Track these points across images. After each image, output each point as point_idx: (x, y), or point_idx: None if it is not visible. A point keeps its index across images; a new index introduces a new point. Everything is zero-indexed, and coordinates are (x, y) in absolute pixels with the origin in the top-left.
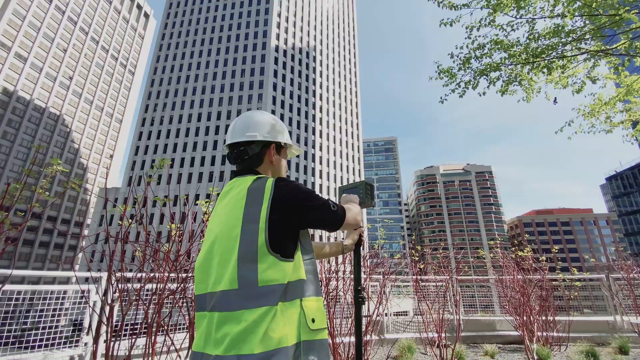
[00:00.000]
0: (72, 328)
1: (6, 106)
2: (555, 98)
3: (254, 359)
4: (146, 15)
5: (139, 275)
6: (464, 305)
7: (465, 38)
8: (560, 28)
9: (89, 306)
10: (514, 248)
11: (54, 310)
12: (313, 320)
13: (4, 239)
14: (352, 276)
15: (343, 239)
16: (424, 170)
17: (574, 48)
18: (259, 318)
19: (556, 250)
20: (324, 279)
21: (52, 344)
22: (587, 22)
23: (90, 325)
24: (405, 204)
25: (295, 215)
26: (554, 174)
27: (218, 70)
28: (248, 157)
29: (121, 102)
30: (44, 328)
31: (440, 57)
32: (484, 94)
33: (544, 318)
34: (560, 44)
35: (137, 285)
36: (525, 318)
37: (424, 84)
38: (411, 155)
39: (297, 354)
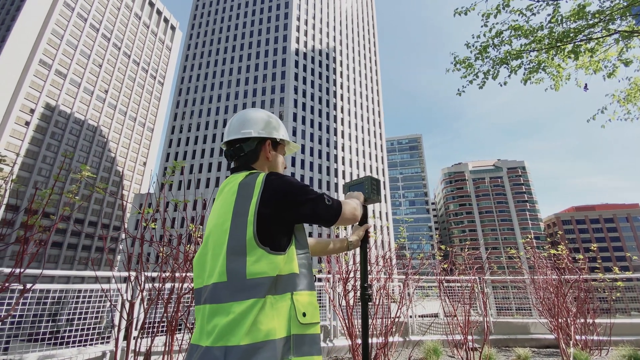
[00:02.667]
0: (104, 325)
1: (49, 120)
2: (586, 84)
3: (240, 350)
4: (172, 28)
5: (157, 274)
6: (497, 306)
7: (482, 26)
8: (582, 8)
9: (111, 304)
10: (547, 246)
11: (87, 308)
12: (304, 315)
13: (38, 242)
14: (375, 275)
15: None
16: (451, 167)
17: (603, 29)
18: (246, 310)
19: (595, 248)
20: (343, 278)
21: (86, 340)
22: (616, 0)
23: (120, 322)
24: (432, 203)
25: (286, 209)
26: (593, 168)
27: (241, 76)
28: (244, 154)
29: (152, 112)
30: (77, 325)
31: (463, 50)
32: (505, 83)
33: (582, 320)
34: (587, 26)
35: (158, 285)
36: (561, 320)
37: (448, 79)
38: (437, 153)
39: (287, 348)
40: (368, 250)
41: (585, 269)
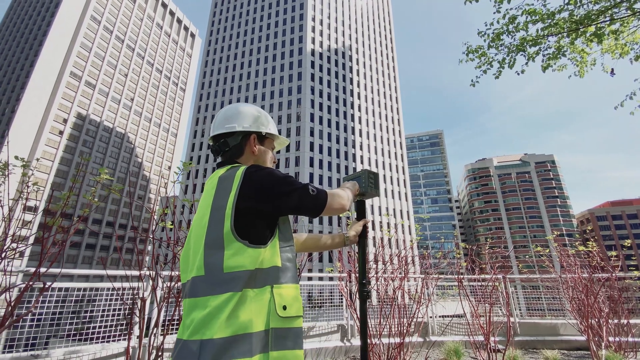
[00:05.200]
0: (124, 322)
1: (81, 129)
2: (612, 69)
3: (215, 344)
4: (192, 36)
5: (168, 273)
6: (527, 307)
7: (494, 12)
8: None
9: (124, 302)
10: (577, 243)
11: (109, 305)
12: (284, 308)
13: (60, 242)
14: (393, 274)
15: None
16: (475, 163)
17: (627, 9)
18: (222, 304)
19: (628, 244)
20: (357, 277)
21: (108, 336)
22: None
23: (132, 319)
24: (456, 201)
25: (266, 201)
26: (630, 161)
27: (258, 79)
28: (229, 148)
29: (175, 118)
30: (101, 322)
31: (479, 40)
32: (522, 72)
33: (616, 321)
34: (610, 7)
35: (169, 284)
36: (592, 321)
37: (471, 72)
38: (461, 149)
39: (265, 342)
40: (368, 245)
41: (619, 266)
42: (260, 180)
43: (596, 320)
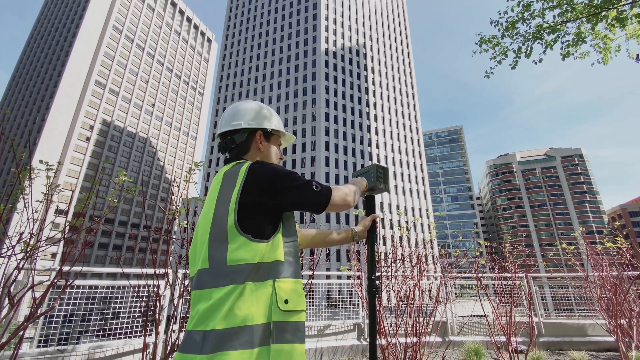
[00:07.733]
0: (143, 319)
1: (106, 135)
2: (638, 55)
3: (216, 334)
4: (209, 41)
5: (184, 272)
6: (555, 307)
7: (508, 0)
8: None
9: (140, 299)
10: (604, 239)
11: (131, 302)
12: (286, 302)
13: (84, 242)
14: (406, 273)
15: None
16: (497, 159)
17: None
18: (224, 296)
19: None
20: None
21: (131, 332)
22: None
23: (157, 316)
24: (477, 198)
25: (269, 197)
26: None
27: (274, 81)
28: (235, 145)
29: (194, 121)
30: (124, 318)
31: (493, 30)
32: (540, 61)
33: None
34: None
35: (184, 282)
36: (621, 321)
37: (491, 64)
38: (482, 145)
39: (267, 334)
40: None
41: None
42: (263, 176)
43: (626, 320)
